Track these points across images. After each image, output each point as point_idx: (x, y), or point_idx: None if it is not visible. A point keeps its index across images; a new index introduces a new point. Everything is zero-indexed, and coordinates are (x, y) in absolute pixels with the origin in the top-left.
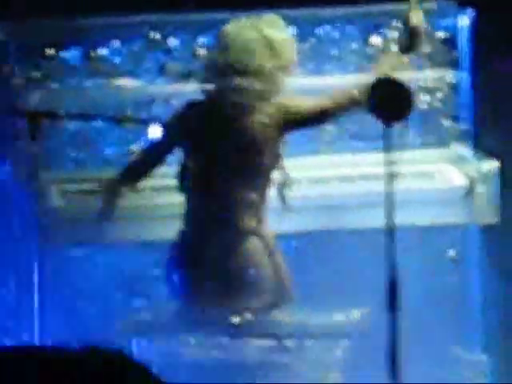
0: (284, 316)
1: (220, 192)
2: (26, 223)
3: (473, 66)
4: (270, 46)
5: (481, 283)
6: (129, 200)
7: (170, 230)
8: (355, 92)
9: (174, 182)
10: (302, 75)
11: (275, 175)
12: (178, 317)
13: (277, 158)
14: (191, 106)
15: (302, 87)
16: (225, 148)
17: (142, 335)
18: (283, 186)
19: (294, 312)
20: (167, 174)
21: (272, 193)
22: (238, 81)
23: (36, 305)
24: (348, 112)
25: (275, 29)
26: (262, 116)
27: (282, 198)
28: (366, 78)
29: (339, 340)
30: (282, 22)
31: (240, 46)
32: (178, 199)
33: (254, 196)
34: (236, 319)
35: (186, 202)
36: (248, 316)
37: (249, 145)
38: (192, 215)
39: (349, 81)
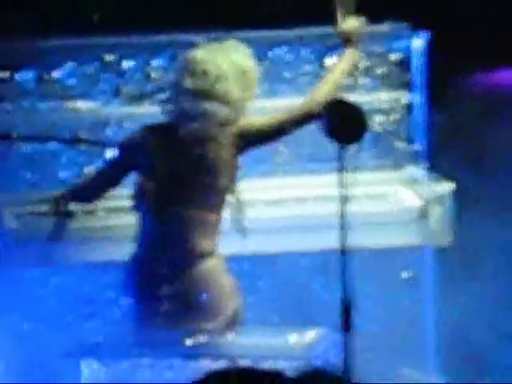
0: (237, 337)
1: (174, 214)
2: None
3: (427, 88)
4: (242, 72)
5: (435, 305)
6: (82, 221)
7: (124, 251)
8: (312, 104)
9: (127, 203)
10: (256, 97)
11: (230, 197)
12: (131, 338)
13: (232, 180)
14: (148, 128)
15: (256, 109)
16: (181, 170)
17: (93, 357)
18: (237, 208)
19: (248, 333)
20: (121, 195)
21: (226, 214)
22: (206, 105)
23: None
24: (306, 125)
25: (243, 55)
26: (221, 139)
27: (236, 219)
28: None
29: (292, 361)
30: (246, 48)
31: (213, 72)
32: (132, 220)
33: (208, 218)
34: (189, 341)
35: (141, 224)
36: (201, 337)
37: (205, 167)
38: (146, 237)
39: None
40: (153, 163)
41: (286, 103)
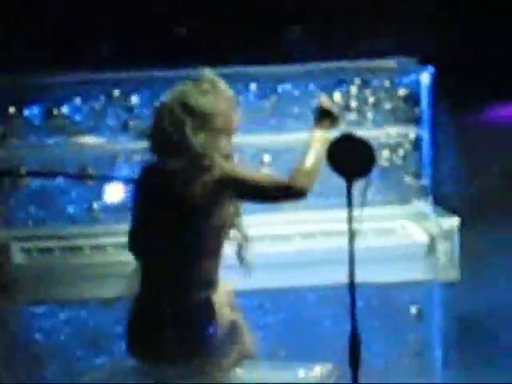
0: (245, 373)
1: (172, 254)
2: None
3: (433, 123)
4: (220, 113)
5: (442, 340)
6: (91, 257)
7: (131, 287)
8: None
9: None
10: (264, 132)
11: (232, 234)
12: (137, 375)
13: (227, 219)
14: (143, 169)
15: (264, 144)
16: (171, 212)
17: None
18: (242, 244)
19: (256, 368)
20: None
21: (232, 250)
22: (197, 140)
23: None
24: (282, 200)
25: (223, 93)
26: (204, 179)
27: (241, 256)
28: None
29: None
30: (224, 84)
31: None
32: None
33: (207, 256)
34: (197, 377)
35: (140, 265)
36: (209, 374)
37: (195, 208)
38: (146, 278)
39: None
40: (145, 204)
41: (294, 138)
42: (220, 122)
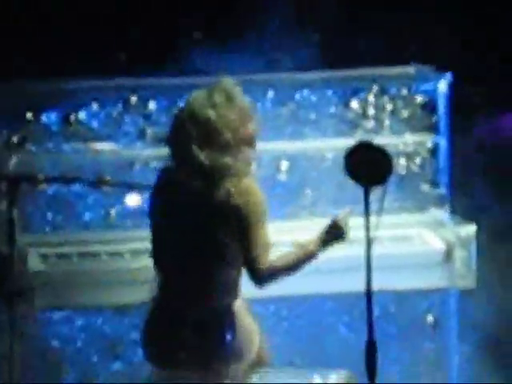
0: (261, 380)
1: (191, 267)
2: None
3: (451, 131)
4: (230, 127)
5: (458, 347)
6: (108, 264)
7: (149, 293)
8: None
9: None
10: (281, 139)
11: None
12: (154, 381)
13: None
14: (160, 178)
15: (281, 151)
16: (191, 221)
17: None
18: None
19: (272, 375)
20: (146, 237)
21: None
22: (204, 155)
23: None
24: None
25: (237, 104)
26: (224, 190)
27: None
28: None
29: None
30: (239, 94)
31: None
32: None
33: (226, 270)
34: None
35: (160, 272)
36: (225, 380)
37: (212, 221)
38: (166, 285)
39: (327, 144)
40: (161, 215)
41: (311, 145)
42: (230, 137)
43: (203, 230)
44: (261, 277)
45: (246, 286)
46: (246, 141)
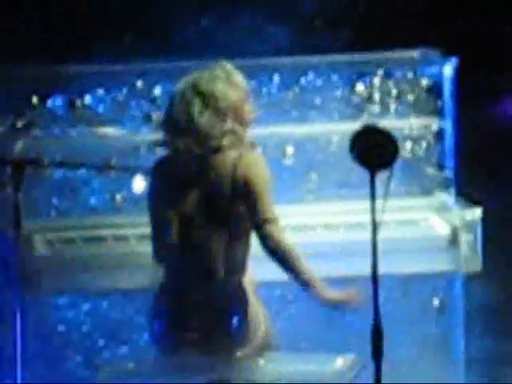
0: (267, 364)
1: (197, 243)
2: (10, 272)
3: (456, 114)
4: (229, 98)
5: (464, 331)
6: (113, 248)
7: (154, 278)
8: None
9: None
10: (286, 123)
11: None
12: (160, 365)
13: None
14: (159, 161)
15: (286, 135)
16: (195, 200)
17: (125, 382)
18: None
19: (278, 360)
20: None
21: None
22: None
23: (19, 353)
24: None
25: (235, 82)
26: (226, 166)
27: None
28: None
29: None
30: (239, 75)
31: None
32: None
33: (235, 244)
34: (219, 368)
35: (166, 254)
36: (231, 364)
37: (217, 194)
38: (171, 267)
39: (332, 128)
40: (168, 193)
41: (317, 129)
42: (228, 107)
43: (210, 203)
44: (270, 235)
45: (253, 271)
46: (243, 120)
